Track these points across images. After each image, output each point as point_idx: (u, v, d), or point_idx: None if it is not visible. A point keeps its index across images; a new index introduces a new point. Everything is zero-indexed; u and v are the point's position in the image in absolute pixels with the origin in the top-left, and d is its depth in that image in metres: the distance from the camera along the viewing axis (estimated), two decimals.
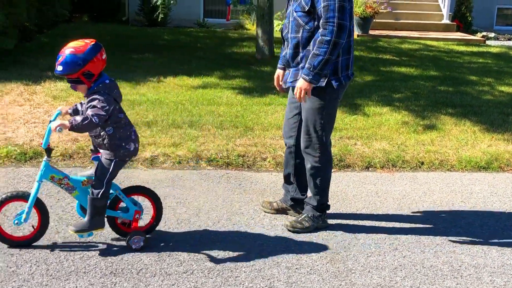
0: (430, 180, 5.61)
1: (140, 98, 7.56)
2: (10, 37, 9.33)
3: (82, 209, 3.90)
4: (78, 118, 3.58)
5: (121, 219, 3.98)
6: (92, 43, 3.65)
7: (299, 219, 4.37)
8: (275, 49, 10.99)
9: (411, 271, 3.85)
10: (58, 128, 3.57)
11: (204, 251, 3.93)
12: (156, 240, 4.05)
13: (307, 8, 3.98)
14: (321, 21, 3.91)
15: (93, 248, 3.89)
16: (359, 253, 4.05)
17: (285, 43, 4.23)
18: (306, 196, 4.55)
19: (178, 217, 4.46)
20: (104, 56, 3.67)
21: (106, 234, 4.08)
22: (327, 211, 4.45)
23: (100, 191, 3.72)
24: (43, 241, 3.92)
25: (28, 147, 5.64)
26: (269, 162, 5.74)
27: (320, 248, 4.10)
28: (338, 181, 5.39)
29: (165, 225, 4.30)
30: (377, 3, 14.40)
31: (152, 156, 5.66)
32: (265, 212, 4.63)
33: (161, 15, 10.21)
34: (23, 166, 5.35)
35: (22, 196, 3.87)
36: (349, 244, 4.18)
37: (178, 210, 4.59)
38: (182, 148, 5.89)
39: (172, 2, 9.94)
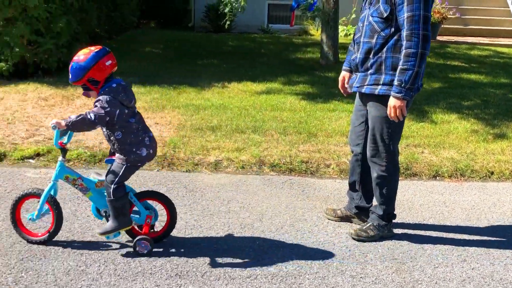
0: (500, 190, 5.42)
1: (205, 103, 7.65)
2: (82, 43, 9.62)
3: (98, 211, 3.96)
4: (73, 116, 3.64)
5: (133, 223, 3.96)
6: (96, 50, 3.67)
7: (364, 227, 4.30)
8: (339, 55, 10.90)
9: (479, 284, 3.72)
10: (52, 125, 3.64)
11: (267, 257, 3.93)
12: (219, 244, 4.08)
13: (385, 15, 3.89)
14: (404, 31, 3.80)
15: (159, 250, 3.95)
16: (426, 264, 3.95)
17: (356, 46, 4.16)
18: (372, 204, 4.48)
19: (241, 221, 4.48)
20: (108, 62, 3.65)
21: (172, 237, 4.13)
22: (393, 220, 4.36)
23: (111, 193, 3.75)
24: (110, 241, 4.02)
25: (97, 149, 5.79)
26: (332, 169, 5.69)
27: (385, 257, 4.02)
28: (405, 189, 5.28)
29: (228, 229, 4.33)
30: (446, 9, 14.09)
31: (216, 161, 5.71)
32: (328, 219, 4.59)
33: (228, 22, 10.30)
34: (93, 168, 5.49)
35: (38, 194, 3.97)
36: (415, 254, 4.08)
37: (241, 214, 4.61)
38: (245, 153, 5.91)
39: (240, 10, 10.03)
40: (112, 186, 3.74)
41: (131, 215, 3.93)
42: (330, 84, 9.08)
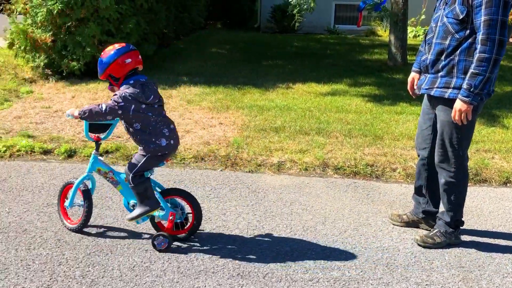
0: None
1: (269, 104, 7.66)
2: (150, 43, 9.83)
3: (129, 204, 4.07)
4: (86, 106, 3.79)
5: (158, 218, 4.03)
6: (118, 47, 3.81)
7: (431, 234, 4.18)
8: (408, 57, 10.69)
9: None
10: (67, 115, 3.86)
11: (329, 260, 3.88)
12: (281, 245, 4.06)
13: (461, 17, 3.76)
14: (479, 35, 3.67)
15: (221, 249, 3.97)
16: (494, 273, 3.80)
17: (427, 47, 4.05)
18: (439, 209, 4.35)
19: (304, 224, 4.44)
20: (128, 60, 3.78)
21: (234, 237, 4.15)
22: (461, 227, 4.22)
23: (130, 180, 3.86)
24: (175, 239, 4.07)
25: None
26: (399, 173, 5.57)
27: (452, 265, 3.90)
28: (473, 196, 5.11)
29: (291, 231, 4.30)
30: None
31: (279, 162, 5.70)
32: (393, 224, 4.49)
33: (297, 24, 10.28)
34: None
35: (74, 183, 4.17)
36: (483, 263, 3.93)
37: (304, 217, 4.58)
38: (309, 155, 5.87)
39: (309, 11, 9.98)
40: (131, 174, 3.85)
41: (157, 213, 3.99)
42: (398, 86, 8.91)
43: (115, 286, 3.50)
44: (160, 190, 4.04)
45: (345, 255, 3.97)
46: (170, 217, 3.97)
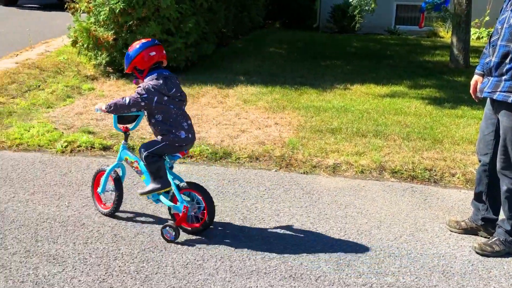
0: None
1: (325, 105, 7.59)
2: (209, 42, 9.91)
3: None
4: (112, 100, 4.02)
5: (173, 210, 4.14)
6: (143, 41, 4.04)
7: (490, 242, 4.05)
8: (471, 59, 10.41)
9: None
10: (96, 109, 4.12)
11: (384, 266, 3.81)
12: (334, 249, 4.01)
13: None
14: None
15: (274, 250, 3.96)
16: None
17: (491, 49, 3.91)
18: (499, 217, 4.20)
19: (358, 228, 4.38)
20: (152, 53, 3.98)
21: (287, 238, 4.13)
22: None
23: (143, 158, 4.01)
24: (227, 237, 4.09)
25: (219, 147, 5.92)
26: (458, 178, 5.41)
27: (511, 275, 3.76)
28: None
29: (345, 234, 4.25)
30: None
31: (334, 164, 5.64)
32: (451, 231, 4.37)
33: (357, 25, 10.18)
34: (214, 165, 5.63)
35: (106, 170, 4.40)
36: None
37: (359, 220, 4.51)
38: (365, 157, 5.79)
39: (370, 12, 9.86)
40: (145, 152, 3.99)
41: (172, 203, 4.12)
42: (459, 89, 8.68)
43: (168, 282, 3.54)
44: (178, 183, 4.14)
45: (400, 261, 3.89)
46: (183, 210, 4.05)
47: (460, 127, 6.83)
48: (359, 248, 4.05)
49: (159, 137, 4.03)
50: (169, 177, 4.08)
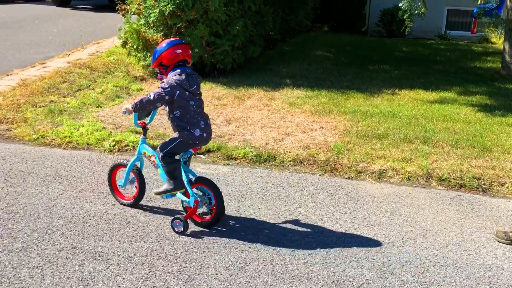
0: None
1: (372, 110, 7.50)
2: (256, 45, 9.94)
3: None
4: (137, 98, 4.23)
5: (185, 203, 4.31)
6: (171, 39, 4.29)
7: None
8: None
9: None
10: (123, 111, 4.29)
11: (428, 275, 3.74)
12: (378, 256, 3.96)
13: None
14: None
15: (316, 255, 3.93)
16: None
17: None
18: None
19: (403, 235, 4.31)
20: (178, 51, 4.19)
21: (330, 243, 4.10)
22: None
23: (160, 159, 4.21)
24: (270, 241, 4.08)
25: (263, 150, 5.92)
26: (507, 188, 5.27)
27: None
28: None
29: (389, 241, 4.19)
30: None
31: (380, 170, 5.57)
32: (498, 242, 4.25)
33: (407, 29, 10.04)
34: (257, 167, 5.63)
35: (126, 165, 4.60)
36: None
37: (404, 228, 4.44)
38: (412, 164, 5.69)
39: (420, 16, 9.71)
40: (161, 153, 4.19)
41: (187, 198, 4.27)
42: (511, 96, 8.46)
43: (210, 284, 3.55)
44: (191, 177, 4.31)
45: (445, 271, 3.81)
46: (194, 204, 4.21)
47: (511, 135, 6.64)
48: (403, 256, 3.99)
49: (175, 134, 4.22)
50: (182, 173, 4.25)
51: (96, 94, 7.91)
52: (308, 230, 4.33)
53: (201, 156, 5.82)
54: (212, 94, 8.03)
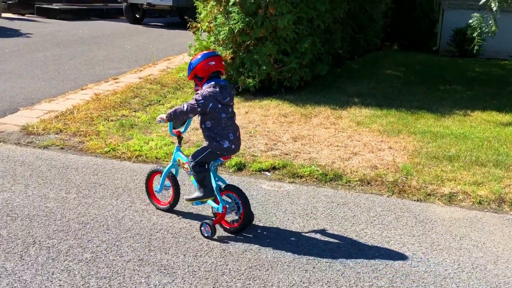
0: None
1: (443, 131, 7.32)
2: (324, 63, 9.91)
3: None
4: (172, 108, 4.45)
5: (214, 209, 4.47)
6: (205, 52, 4.49)
7: None
8: None
9: None
10: (158, 120, 4.55)
11: None
12: (446, 281, 3.83)
13: None
14: None
15: (383, 278, 3.85)
16: None
17: None
18: None
19: (473, 261, 4.16)
20: (212, 63, 4.35)
21: (397, 267, 4.01)
22: None
23: (191, 167, 4.41)
24: (335, 262, 4.02)
25: (329, 168, 5.87)
26: None
27: None
28: None
29: (458, 267, 4.05)
30: None
31: (450, 193, 5.41)
32: None
33: (476, 47, 9.78)
34: (323, 186, 5.58)
35: (162, 171, 4.83)
36: None
37: (474, 254, 4.28)
38: (484, 188, 5.51)
39: (490, 35, 9.44)
40: (191, 162, 4.40)
41: (217, 204, 4.44)
42: None
43: None
44: (220, 184, 4.49)
45: None
46: (222, 210, 4.39)
47: None
48: (473, 283, 3.85)
49: (205, 143, 4.44)
50: (212, 181, 4.43)
51: (165, 109, 8.07)
52: (374, 252, 4.25)
53: (266, 173, 5.83)
54: (278, 111, 8.05)
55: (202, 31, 9.65)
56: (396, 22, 16.37)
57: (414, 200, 5.30)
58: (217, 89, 4.32)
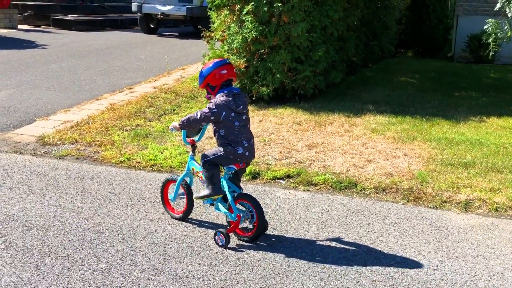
0: None
1: (459, 138, 7.27)
2: (338, 71, 9.90)
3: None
4: (185, 117, 4.46)
5: (228, 218, 4.48)
6: (215, 61, 4.47)
7: None
8: None
9: None
10: (171, 129, 4.59)
11: None
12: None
13: None
14: None
15: (397, 287, 3.82)
16: None
17: None
18: None
19: (490, 269, 4.12)
20: (223, 72, 4.38)
21: (413, 275, 3.97)
22: None
23: (202, 165, 4.46)
24: (350, 270, 4.00)
25: (344, 176, 5.85)
26: None
27: None
28: None
29: (475, 275, 4.01)
30: None
31: (466, 200, 5.36)
32: None
33: (491, 53, 9.71)
34: (338, 194, 5.56)
35: (176, 180, 4.85)
36: None
37: (491, 261, 4.24)
38: (500, 194, 5.45)
39: (505, 40, 9.37)
40: (203, 160, 4.44)
41: (227, 211, 4.46)
42: None
43: None
44: (235, 193, 4.49)
45: None
46: (236, 219, 4.39)
47: None
48: None
49: (220, 148, 4.44)
50: (225, 187, 4.45)
51: (180, 118, 8.09)
52: (390, 260, 4.22)
53: (281, 181, 5.83)
54: (292, 119, 8.05)
55: (216, 40, 9.69)
56: (410, 28, 16.34)
57: (430, 208, 5.26)
58: (230, 98, 4.36)
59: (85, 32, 18.62)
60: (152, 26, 19.30)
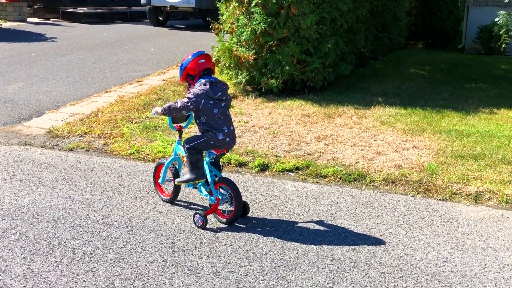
0: None
1: (469, 129, 7.22)
2: (347, 63, 9.85)
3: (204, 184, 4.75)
4: (167, 104, 4.67)
5: (209, 201, 4.67)
6: (194, 52, 4.69)
7: None
8: None
9: None
10: (153, 113, 4.79)
11: None
12: (473, 281, 3.78)
13: None
14: None
15: (407, 279, 3.81)
16: None
17: None
18: None
19: (500, 261, 4.10)
20: (201, 61, 4.63)
21: (422, 267, 3.96)
22: None
23: (185, 150, 4.62)
24: (359, 262, 3.99)
25: (353, 168, 5.83)
26: None
27: None
28: None
29: (485, 267, 3.99)
30: None
31: (476, 192, 5.33)
32: None
33: (503, 45, 9.64)
34: (347, 186, 5.55)
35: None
36: None
37: (501, 253, 4.22)
38: (510, 186, 5.42)
39: None
40: (186, 145, 4.61)
41: (207, 194, 4.67)
42: None
43: None
44: (215, 177, 4.65)
45: None
46: (215, 201, 4.60)
47: None
48: (500, 283, 3.79)
49: (201, 134, 4.64)
50: (207, 171, 4.64)
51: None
52: (399, 252, 4.21)
53: (290, 173, 5.82)
54: (302, 111, 8.02)
55: (225, 32, 9.66)
56: (420, 20, 16.24)
57: (440, 200, 5.24)
58: (207, 86, 4.56)
59: (94, 25, 18.63)
60: (161, 18, 19.28)
